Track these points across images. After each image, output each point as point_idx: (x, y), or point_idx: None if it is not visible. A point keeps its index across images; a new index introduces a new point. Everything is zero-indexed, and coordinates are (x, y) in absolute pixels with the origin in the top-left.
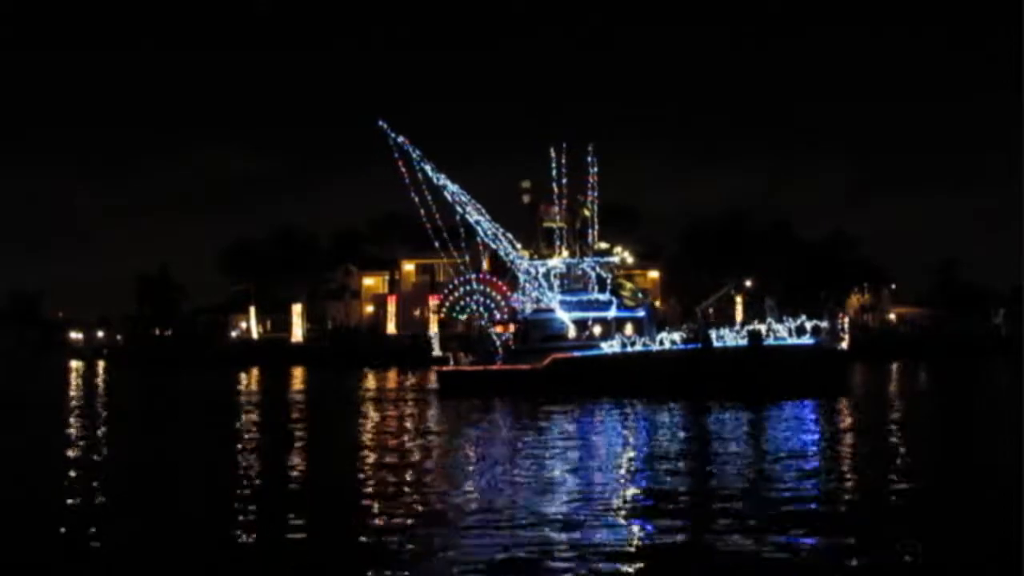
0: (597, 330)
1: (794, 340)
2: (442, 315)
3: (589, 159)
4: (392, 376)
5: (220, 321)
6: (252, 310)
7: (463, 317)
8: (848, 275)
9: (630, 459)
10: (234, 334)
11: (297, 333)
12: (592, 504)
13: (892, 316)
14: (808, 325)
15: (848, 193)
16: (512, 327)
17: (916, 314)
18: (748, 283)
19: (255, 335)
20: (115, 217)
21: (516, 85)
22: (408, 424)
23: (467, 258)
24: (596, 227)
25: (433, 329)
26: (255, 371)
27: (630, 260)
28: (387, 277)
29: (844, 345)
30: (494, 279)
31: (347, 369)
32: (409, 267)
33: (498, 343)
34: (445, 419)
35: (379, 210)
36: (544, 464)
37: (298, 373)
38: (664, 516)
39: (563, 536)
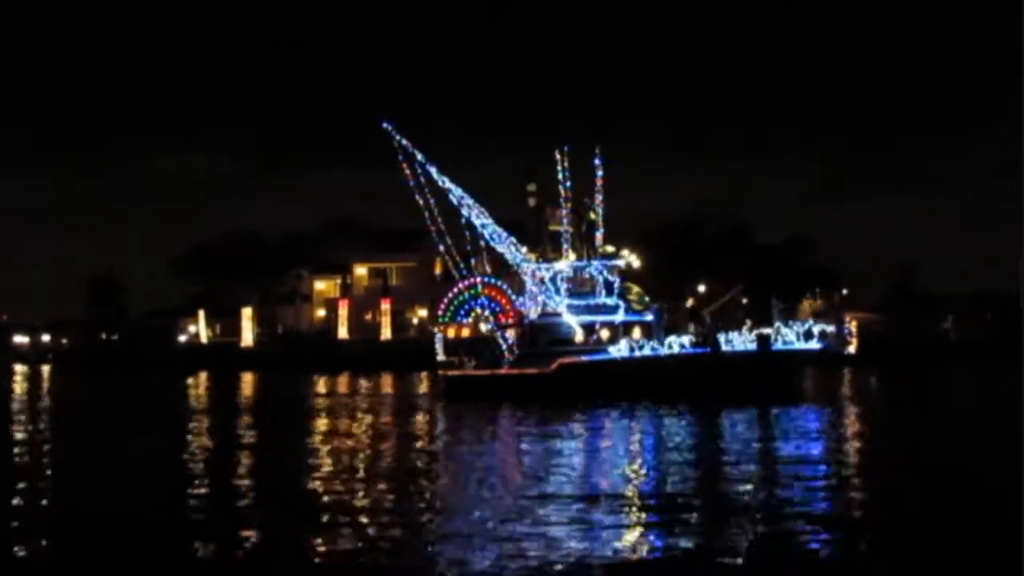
0: (605, 334)
1: (802, 344)
2: (444, 323)
3: (596, 161)
4: (344, 381)
5: (168, 325)
6: (201, 314)
7: (467, 321)
8: (801, 279)
9: (639, 465)
10: (183, 338)
11: (247, 337)
12: (599, 511)
13: (801, 322)
14: (815, 329)
15: (810, 196)
16: (518, 331)
17: (869, 319)
18: (701, 288)
19: (204, 339)
20: (65, 217)
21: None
22: (411, 430)
23: (472, 261)
24: (602, 230)
25: (438, 333)
26: (203, 376)
27: (637, 264)
28: (339, 281)
29: (852, 349)
30: (499, 283)
31: (297, 374)
32: (361, 271)
33: (505, 347)
34: (449, 424)
35: (332, 213)
36: (550, 471)
37: (248, 378)
38: (674, 525)
39: (567, 547)
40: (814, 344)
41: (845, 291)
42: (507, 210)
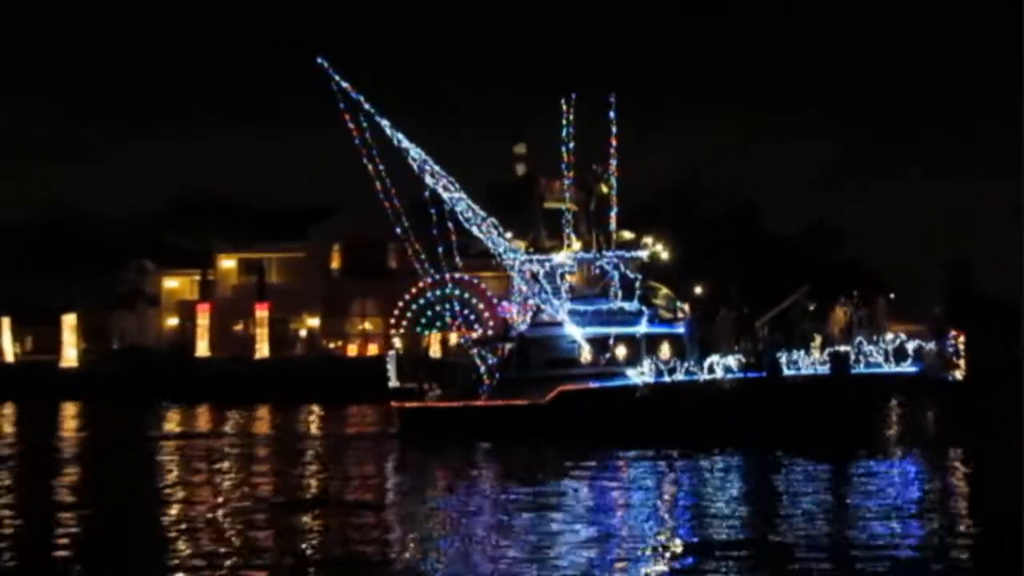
0: (621, 352)
1: (892, 367)
2: (402, 332)
3: (611, 115)
4: (203, 415)
5: None
6: (6, 323)
7: (431, 333)
8: (833, 281)
9: (667, 539)
10: None
11: (70, 355)
12: None
13: (890, 336)
14: (910, 346)
15: (823, 176)
16: (502, 347)
17: (921, 332)
18: (698, 289)
19: (10, 357)
20: None
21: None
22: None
23: (440, 251)
24: (617, 209)
25: (393, 349)
26: (7, 408)
27: (665, 256)
28: (198, 278)
29: (958, 374)
30: (475, 281)
31: (139, 404)
32: (229, 264)
33: (483, 369)
34: (406, 475)
35: (189, 186)
36: (544, 545)
37: (70, 410)
38: None
39: None
40: (907, 367)
41: (892, 295)
42: (488, 178)
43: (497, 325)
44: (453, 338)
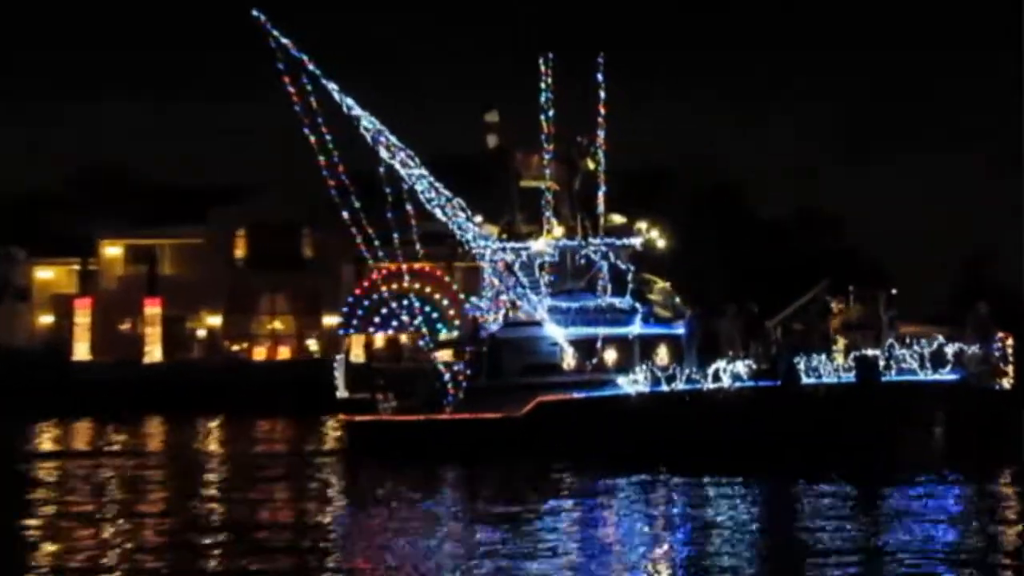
0: (611, 356)
1: (929, 374)
2: (350, 334)
3: (599, 77)
4: (83, 431)
5: None
6: None
7: (385, 335)
8: (827, 272)
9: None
10: None
11: None
12: None
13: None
14: (949, 350)
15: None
16: (469, 351)
17: (927, 334)
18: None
19: None
20: None
21: None
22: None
23: (396, 237)
24: (606, 188)
25: (341, 354)
26: None
27: (662, 244)
28: (77, 268)
29: (1007, 382)
30: (438, 273)
31: (7, 417)
32: (114, 251)
33: (448, 377)
34: (348, 507)
35: (87, 160)
36: None
37: None
38: None
39: None
40: (947, 374)
41: (894, 291)
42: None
43: (464, 325)
44: (405, 338)
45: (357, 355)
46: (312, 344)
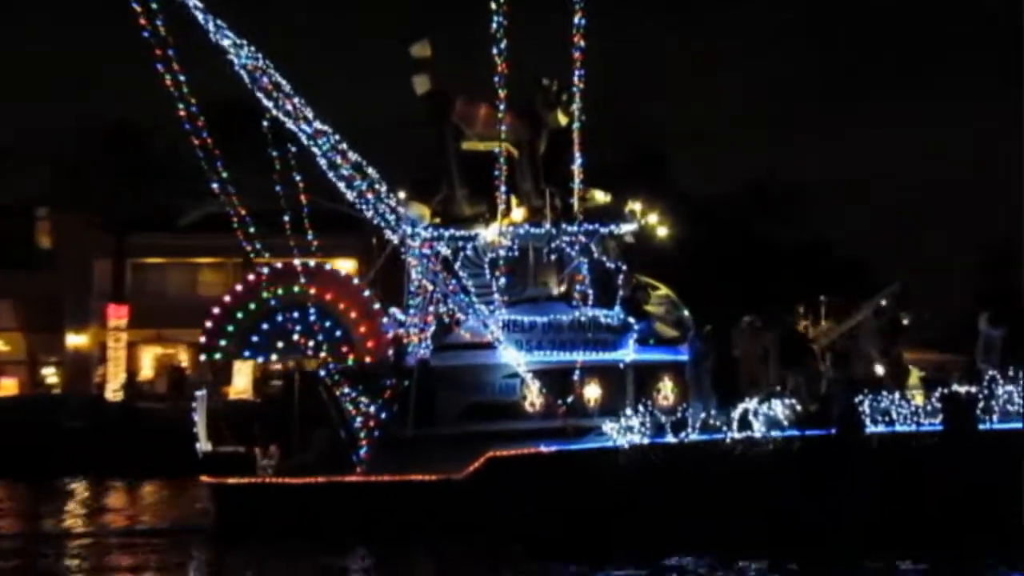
0: (593, 392)
1: None
2: (214, 360)
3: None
4: None
5: None
6: None
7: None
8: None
9: None
10: None
11: None
12: None
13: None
14: None
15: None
16: (390, 385)
17: (929, 363)
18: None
19: None
20: None
21: None
22: None
23: (286, 221)
24: (581, 160)
25: (203, 387)
26: None
27: (663, 232)
28: None
29: None
30: (344, 273)
31: None
32: None
33: (358, 423)
34: None
35: None
36: None
37: None
38: None
39: None
40: None
41: (883, 302)
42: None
43: (380, 347)
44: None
45: (238, 391)
46: (50, 374)
